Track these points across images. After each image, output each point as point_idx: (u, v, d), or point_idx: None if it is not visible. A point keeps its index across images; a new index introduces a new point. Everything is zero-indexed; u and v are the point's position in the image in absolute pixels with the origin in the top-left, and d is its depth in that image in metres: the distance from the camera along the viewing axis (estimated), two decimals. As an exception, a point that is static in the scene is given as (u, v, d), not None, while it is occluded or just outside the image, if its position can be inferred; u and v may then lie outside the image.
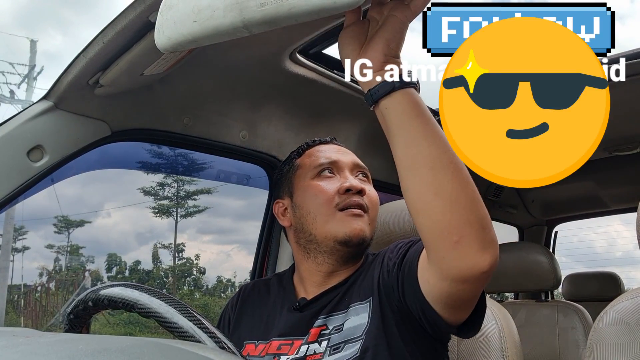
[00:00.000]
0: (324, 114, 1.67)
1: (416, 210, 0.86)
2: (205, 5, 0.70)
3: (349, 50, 0.85)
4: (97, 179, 17.13)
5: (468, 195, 0.83)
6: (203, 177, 1.91)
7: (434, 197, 0.82)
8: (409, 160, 0.84)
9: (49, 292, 12.77)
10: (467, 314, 0.95)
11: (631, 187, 2.75)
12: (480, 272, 0.83)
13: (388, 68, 0.83)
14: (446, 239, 0.83)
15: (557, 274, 2.49)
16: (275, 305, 1.16)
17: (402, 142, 0.84)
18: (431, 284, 0.91)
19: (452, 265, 0.84)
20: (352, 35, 0.85)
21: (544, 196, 3.01)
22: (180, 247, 15.11)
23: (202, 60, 1.25)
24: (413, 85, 0.84)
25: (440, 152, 0.83)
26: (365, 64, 0.83)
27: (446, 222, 0.82)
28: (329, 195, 1.11)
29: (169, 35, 0.73)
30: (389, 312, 1.01)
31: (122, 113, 1.30)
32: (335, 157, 1.18)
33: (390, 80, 0.83)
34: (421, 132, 0.83)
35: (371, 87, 0.84)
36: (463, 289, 0.88)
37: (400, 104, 0.83)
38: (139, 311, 0.76)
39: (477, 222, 0.83)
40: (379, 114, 0.86)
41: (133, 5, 0.98)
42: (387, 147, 0.88)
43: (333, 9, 0.65)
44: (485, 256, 0.83)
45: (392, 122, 0.84)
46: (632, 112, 1.95)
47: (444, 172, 0.82)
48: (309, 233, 1.12)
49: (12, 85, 14.94)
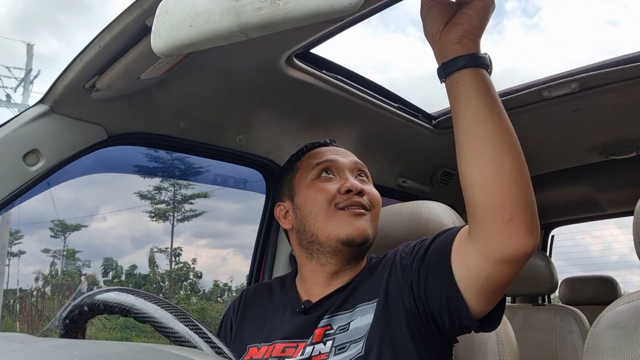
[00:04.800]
0: (321, 117, 1.67)
1: (473, 185, 0.88)
2: (202, 10, 0.70)
3: (431, 24, 0.89)
4: (93, 183, 17.09)
5: (525, 177, 0.87)
6: (200, 181, 1.91)
7: (494, 174, 0.86)
8: (473, 136, 0.87)
9: (45, 296, 12.70)
10: (493, 304, 0.97)
11: (627, 191, 2.76)
12: (524, 253, 0.88)
13: (464, 44, 0.87)
14: (499, 216, 0.86)
15: (554, 277, 2.50)
16: (278, 308, 1.16)
17: (467, 118, 0.87)
18: (470, 265, 0.93)
19: (499, 243, 0.87)
20: (434, 13, 0.89)
21: (541, 200, 2.99)
22: (177, 251, 15.07)
23: (199, 64, 1.25)
24: (485, 66, 0.88)
25: (504, 132, 0.86)
26: (445, 38, 0.88)
27: (502, 200, 0.85)
28: (329, 194, 1.12)
29: (165, 39, 0.73)
30: (399, 312, 1.01)
31: (118, 117, 1.30)
32: (334, 158, 1.19)
33: (464, 55, 0.86)
34: (487, 111, 0.86)
35: (445, 60, 0.88)
36: (503, 270, 0.90)
37: (471, 81, 0.87)
38: (134, 316, 0.76)
39: (530, 204, 0.87)
40: (449, 87, 0.89)
41: (129, 9, 0.97)
42: (383, 151, 0.89)
43: (329, 13, 0.65)
44: (531, 238, 0.87)
45: (460, 98, 0.88)
46: (628, 116, 1.96)
47: (505, 152, 0.85)
48: (311, 234, 1.12)
49: (9, 89, 14.90)
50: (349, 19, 1.17)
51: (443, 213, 1.35)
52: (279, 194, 1.24)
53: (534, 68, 73.96)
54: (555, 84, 1.75)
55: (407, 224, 1.38)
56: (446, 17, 0.88)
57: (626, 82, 1.69)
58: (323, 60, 1.49)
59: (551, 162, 2.47)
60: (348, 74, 1.57)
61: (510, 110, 1.87)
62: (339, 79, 1.53)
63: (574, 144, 2.27)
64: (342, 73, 1.55)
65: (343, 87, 1.54)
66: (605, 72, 1.65)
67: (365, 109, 1.67)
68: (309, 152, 1.23)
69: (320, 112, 1.64)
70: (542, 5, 70.88)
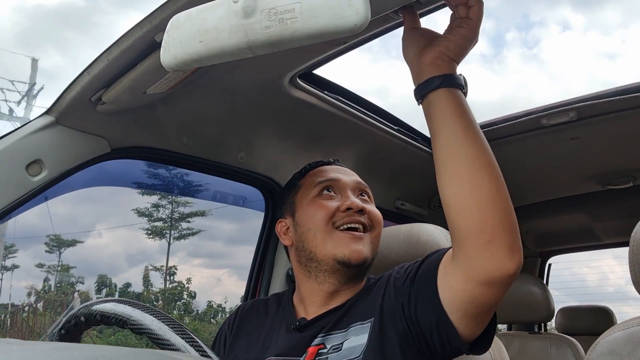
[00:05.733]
0: (321, 138, 1.69)
1: (451, 206, 0.88)
2: (212, 26, 0.72)
3: (410, 47, 0.93)
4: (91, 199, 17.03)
5: (503, 198, 0.86)
6: (200, 198, 1.92)
7: (471, 196, 0.86)
8: (449, 157, 0.88)
9: (37, 312, 12.56)
10: (481, 327, 0.96)
11: (624, 221, 2.76)
12: (506, 276, 0.86)
13: (438, 65, 0.89)
14: (478, 238, 0.85)
15: (550, 305, 2.49)
16: (274, 325, 1.16)
17: (443, 138, 0.88)
18: (454, 288, 0.92)
19: (479, 265, 0.87)
20: (413, 37, 0.93)
21: (538, 228, 3.02)
22: (171, 270, 14.95)
23: (204, 81, 1.27)
24: (460, 87, 0.89)
25: (480, 153, 0.87)
26: (421, 59, 0.90)
27: (480, 221, 0.85)
28: (329, 212, 1.12)
29: (174, 54, 0.75)
30: (392, 333, 1.00)
31: (122, 130, 1.31)
32: (336, 176, 1.20)
33: (438, 76, 0.88)
34: (462, 132, 0.87)
35: (420, 81, 0.90)
36: (486, 292, 0.89)
37: (445, 102, 0.88)
38: (131, 327, 0.76)
39: (510, 225, 0.86)
40: (425, 109, 0.91)
41: (139, 25, 1.00)
42: (383, 173, 0.90)
43: (335, 33, 0.67)
44: (512, 260, 0.86)
45: (436, 118, 0.89)
46: (626, 146, 1.98)
47: (482, 172, 0.86)
48: (309, 251, 1.13)
49: (11, 102, 14.99)
50: (353, 42, 1.19)
51: (440, 236, 1.36)
52: (281, 210, 1.25)
53: (533, 98, 74.64)
54: (553, 112, 1.77)
55: (405, 247, 1.38)
56: (425, 42, 0.91)
57: (624, 112, 1.72)
58: (325, 81, 1.51)
59: (548, 190, 2.48)
60: (349, 96, 1.59)
61: (509, 137, 1.93)
62: (341, 100, 1.55)
63: (571, 173, 2.29)
64: (344, 94, 1.57)
65: (344, 108, 1.57)
66: (604, 101, 1.68)
67: (366, 130, 1.69)
68: (312, 170, 1.24)
69: (320, 132, 1.66)
70: (542, 37, 71.95)
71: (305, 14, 0.66)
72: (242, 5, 0.69)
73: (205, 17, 0.73)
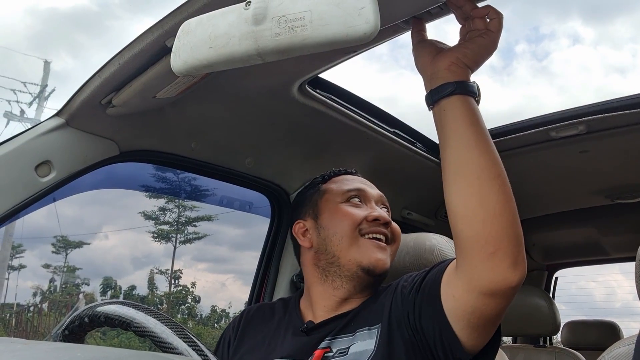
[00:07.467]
0: (329, 145, 1.69)
1: (457, 216, 0.88)
2: (222, 33, 0.72)
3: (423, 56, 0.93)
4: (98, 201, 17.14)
5: (510, 210, 0.86)
6: (206, 202, 1.92)
7: (478, 206, 0.85)
8: (458, 165, 0.87)
9: (42, 312, 12.61)
10: (485, 339, 0.95)
11: (632, 236, 2.74)
12: (508, 287, 0.86)
13: (453, 71, 0.88)
14: (482, 248, 0.85)
15: (556, 319, 2.46)
16: (279, 328, 1.16)
17: (453, 146, 0.88)
18: (456, 298, 0.92)
19: (482, 275, 0.86)
20: (424, 45, 0.93)
21: (546, 240, 3.00)
22: (176, 273, 14.97)
23: (213, 87, 1.28)
24: (473, 94, 0.88)
25: (490, 163, 0.86)
26: (435, 64, 0.90)
27: (486, 232, 0.84)
28: (357, 219, 1.13)
29: (185, 59, 0.75)
30: (399, 341, 1.00)
31: (131, 134, 1.32)
32: (363, 187, 1.22)
33: (452, 82, 0.87)
34: (473, 140, 0.86)
35: (433, 87, 0.89)
36: (488, 303, 0.89)
37: (458, 109, 0.87)
38: (134, 330, 0.76)
39: (515, 237, 0.85)
40: (436, 115, 0.90)
41: (151, 30, 1.01)
42: (390, 181, 0.90)
43: (345, 41, 0.67)
44: (516, 272, 0.85)
45: (447, 125, 0.88)
46: (635, 160, 1.97)
47: (490, 183, 0.85)
48: (332, 255, 1.13)
49: (23, 104, 15.14)
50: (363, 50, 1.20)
51: (446, 246, 1.36)
52: (299, 211, 1.25)
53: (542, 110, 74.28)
54: (562, 125, 1.77)
55: (411, 256, 1.38)
56: (438, 49, 0.91)
57: (634, 126, 1.71)
58: (334, 87, 1.51)
59: (556, 202, 2.47)
60: (358, 102, 1.59)
61: (517, 149, 1.92)
62: (349, 107, 1.55)
63: (579, 186, 2.28)
64: (352, 101, 1.57)
65: (352, 116, 1.57)
66: (613, 115, 1.67)
67: (373, 139, 1.69)
68: (335, 177, 1.26)
69: (328, 139, 1.66)
70: (552, 50, 71.80)
71: (315, 22, 0.67)
72: (253, 13, 0.70)
73: (215, 23, 0.73)
